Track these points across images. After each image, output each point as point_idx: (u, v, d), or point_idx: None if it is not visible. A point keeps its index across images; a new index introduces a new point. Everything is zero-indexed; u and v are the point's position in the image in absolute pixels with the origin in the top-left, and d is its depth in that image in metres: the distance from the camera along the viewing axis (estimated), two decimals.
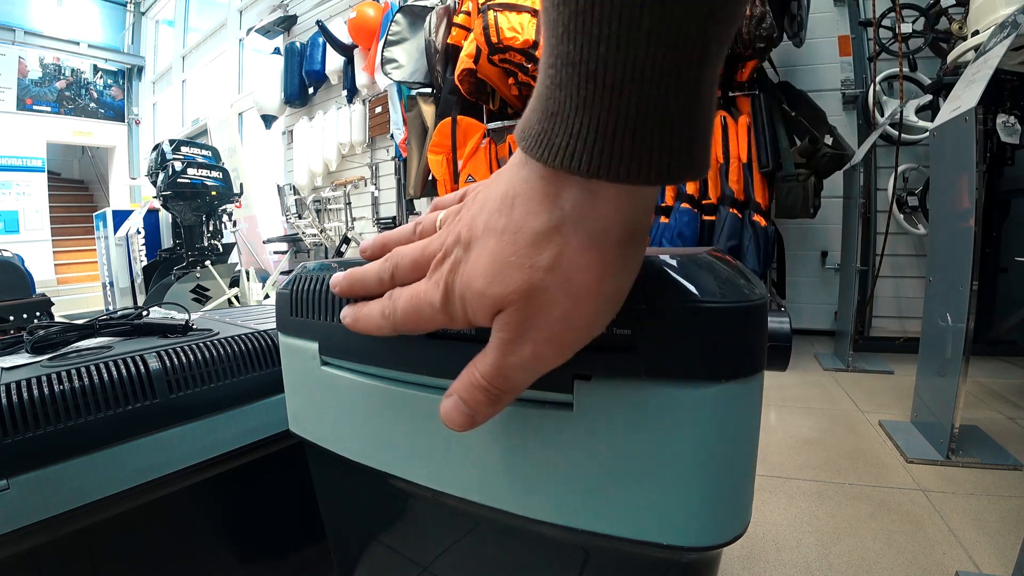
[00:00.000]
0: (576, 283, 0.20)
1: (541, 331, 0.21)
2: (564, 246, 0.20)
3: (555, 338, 0.21)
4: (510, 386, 0.23)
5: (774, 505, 1.11)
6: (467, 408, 0.24)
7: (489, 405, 0.23)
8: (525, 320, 0.21)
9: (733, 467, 0.26)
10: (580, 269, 0.20)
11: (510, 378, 0.23)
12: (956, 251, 1.24)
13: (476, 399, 0.23)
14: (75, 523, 0.47)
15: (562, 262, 0.20)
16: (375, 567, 0.46)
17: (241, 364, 0.59)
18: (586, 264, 0.20)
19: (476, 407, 0.23)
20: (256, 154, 5.30)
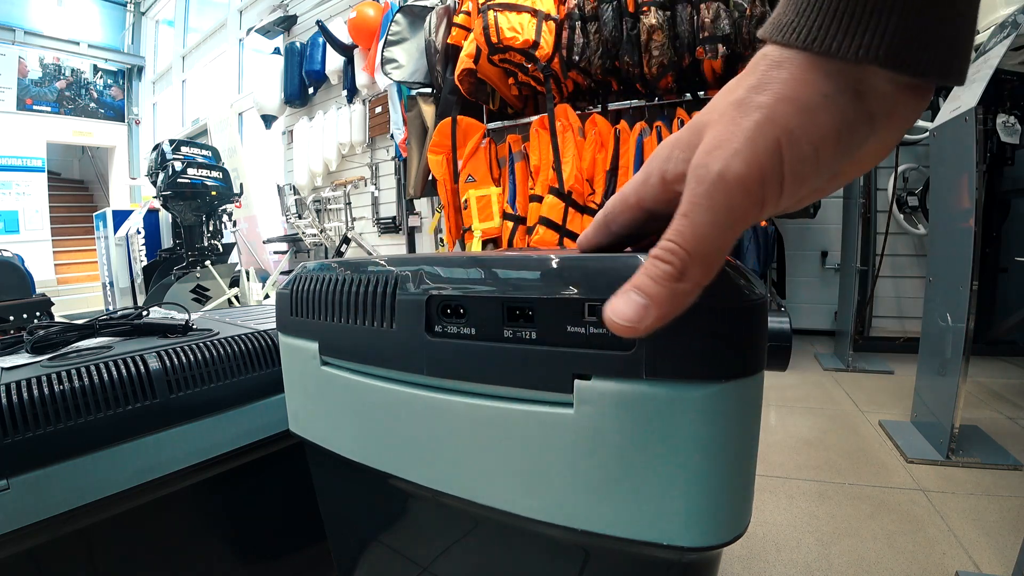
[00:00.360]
0: (769, 97, 0.20)
1: (732, 140, 0.20)
2: (769, 69, 0.20)
3: (743, 149, 0.19)
4: (694, 240, 0.20)
5: (774, 505, 1.11)
6: (639, 295, 0.20)
7: (670, 279, 0.20)
8: (720, 133, 0.20)
9: (733, 467, 0.26)
10: (780, 89, 0.20)
11: (696, 223, 0.20)
12: (956, 251, 1.24)
13: (659, 273, 0.20)
14: (75, 523, 0.47)
15: (765, 80, 0.20)
16: (375, 567, 0.46)
17: (241, 364, 0.59)
18: (786, 88, 0.20)
19: (653, 289, 0.20)
20: (256, 154, 5.30)
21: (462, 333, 0.30)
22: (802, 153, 0.19)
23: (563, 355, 0.27)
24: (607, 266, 0.26)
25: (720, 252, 0.20)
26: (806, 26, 0.19)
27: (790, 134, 0.19)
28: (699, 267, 0.20)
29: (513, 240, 2.28)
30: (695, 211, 0.20)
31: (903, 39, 0.18)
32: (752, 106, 0.20)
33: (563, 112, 2.13)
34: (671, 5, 1.92)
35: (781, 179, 0.20)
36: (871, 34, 0.18)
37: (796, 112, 0.19)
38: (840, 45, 0.19)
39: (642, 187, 0.24)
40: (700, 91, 2.15)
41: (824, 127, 0.20)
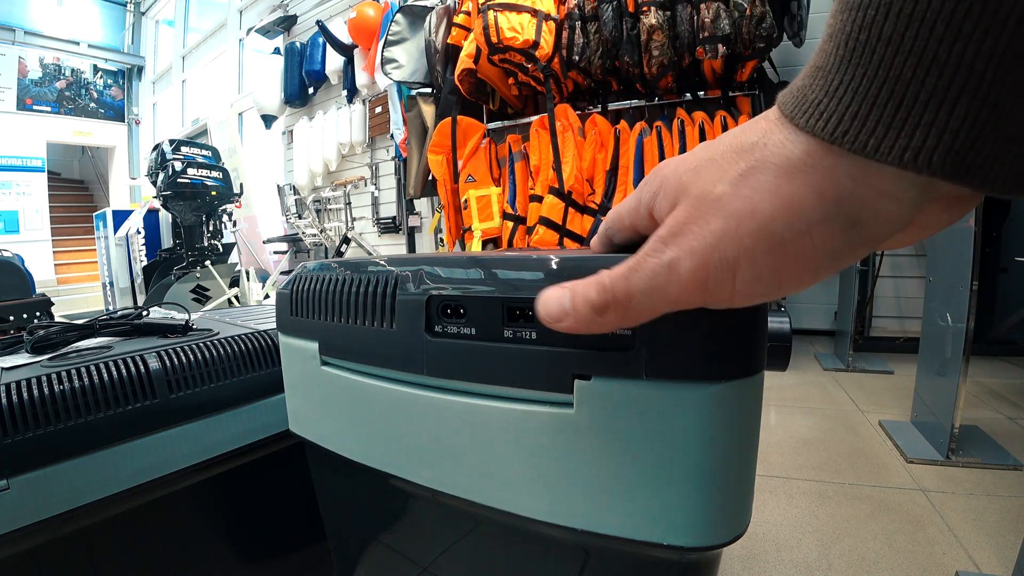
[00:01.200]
0: (745, 206, 0.17)
1: (691, 238, 0.18)
2: (760, 167, 0.17)
3: (698, 253, 0.18)
4: (625, 296, 0.20)
5: (774, 505, 1.11)
6: (569, 301, 0.21)
7: (592, 309, 0.21)
8: (687, 218, 0.19)
9: (733, 467, 0.26)
10: (758, 200, 0.17)
11: (632, 286, 0.20)
12: (956, 251, 1.24)
13: (586, 296, 0.21)
14: (75, 523, 0.47)
15: (749, 179, 0.17)
16: (375, 567, 0.46)
17: (241, 364, 0.59)
18: (765, 200, 0.17)
19: (580, 305, 0.21)
20: (256, 154, 5.30)
21: (462, 333, 0.30)
22: (759, 276, 0.18)
23: (563, 355, 0.27)
24: (607, 265, 0.26)
25: (644, 316, 0.21)
26: (836, 112, 0.15)
27: (751, 257, 0.17)
28: (618, 315, 0.21)
29: (513, 240, 2.28)
30: (638, 276, 0.20)
31: (969, 140, 0.13)
32: (723, 211, 0.18)
33: (563, 112, 2.13)
34: (671, 5, 1.92)
35: (729, 293, 0.18)
36: (925, 131, 0.14)
37: (765, 236, 0.17)
38: (880, 143, 0.14)
39: (634, 213, 0.24)
40: (700, 91, 2.15)
41: (795, 258, 0.17)
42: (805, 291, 2.68)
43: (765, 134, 0.18)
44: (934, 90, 0.13)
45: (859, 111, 0.15)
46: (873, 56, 0.14)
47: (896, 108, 0.14)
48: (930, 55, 0.13)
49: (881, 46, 0.14)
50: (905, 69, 0.14)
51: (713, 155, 0.19)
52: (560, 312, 0.22)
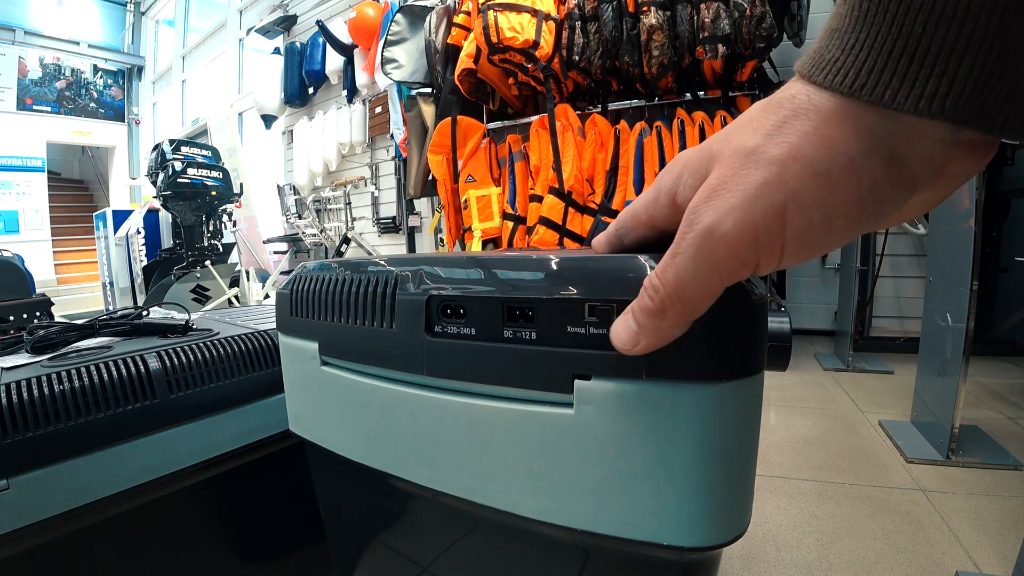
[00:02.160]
0: (784, 151, 0.17)
1: (729, 195, 0.18)
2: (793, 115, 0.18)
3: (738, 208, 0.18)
4: (676, 286, 0.20)
5: (774, 505, 1.11)
6: (633, 320, 0.21)
7: (652, 316, 0.20)
8: (720, 180, 0.18)
9: (733, 467, 0.26)
10: (798, 143, 0.17)
11: (679, 273, 0.19)
12: (956, 251, 1.24)
13: (642, 307, 0.21)
14: (75, 523, 0.47)
15: (784, 128, 0.18)
16: (375, 567, 0.46)
17: (241, 364, 0.59)
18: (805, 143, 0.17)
19: (641, 319, 0.21)
20: (256, 154, 5.30)
21: (462, 333, 0.30)
22: (810, 223, 0.17)
23: (563, 355, 0.27)
24: (607, 266, 0.26)
25: (703, 299, 0.20)
26: (853, 67, 0.16)
27: (800, 201, 0.17)
28: (679, 309, 0.20)
29: (513, 240, 2.28)
30: (681, 257, 0.19)
31: (977, 88, 0.15)
32: (763, 159, 0.18)
33: (563, 112, 2.13)
34: (671, 5, 1.92)
35: (781, 246, 0.18)
36: (937, 80, 0.15)
37: (811, 176, 0.17)
38: (896, 93, 0.15)
39: (652, 205, 0.23)
40: (700, 91, 2.15)
41: (843, 196, 0.17)
42: (805, 291, 2.66)
43: (791, 93, 0.18)
44: (943, 43, 0.14)
45: (875, 65, 0.16)
46: (886, 14, 0.15)
47: (909, 61, 0.15)
48: (939, 11, 0.14)
49: (893, 5, 0.15)
50: (916, 25, 0.15)
51: (743, 120, 0.19)
52: (632, 336, 0.21)
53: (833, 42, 0.17)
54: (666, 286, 0.20)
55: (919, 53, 0.15)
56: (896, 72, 0.15)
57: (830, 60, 0.17)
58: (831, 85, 0.17)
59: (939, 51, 0.15)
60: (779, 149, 0.17)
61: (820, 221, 0.17)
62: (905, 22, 0.15)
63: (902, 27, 0.15)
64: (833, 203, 0.17)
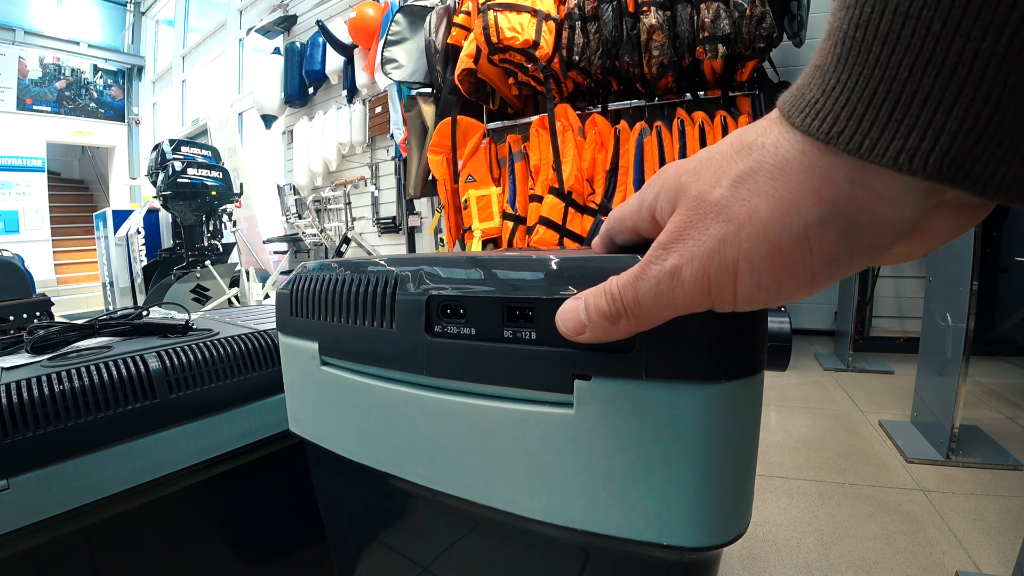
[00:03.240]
0: (743, 209, 0.17)
1: (691, 243, 0.18)
2: (758, 168, 0.17)
3: (698, 258, 0.18)
4: (634, 304, 0.20)
5: (774, 505, 1.11)
6: (584, 314, 0.22)
7: (605, 319, 0.21)
8: (686, 223, 0.19)
9: (733, 467, 0.26)
10: (756, 203, 0.17)
11: (640, 294, 0.20)
12: (956, 251, 1.24)
13: (597, 307, 0.22)
14: (75, 523, 0.47)
15: (747, 182, 0.17)
16: (375, 567, 0.46)
17: (241, 364, 0.59)
18: (762, 203, 0.17)
19: (593, 316, 0.22)
20: (256, 154, 5.30)
21: (462, 333, 0.30)
22: (759, 282, 0.17)
23: (563, 355, 0.27)
24: (606, 267, 0.26)
25: (655, 321, 0.21)
26: (832, 112, 0.15)
27: (750, 262, 0.17)
28: (631, 322, 0.21)
29: (513, 240, 2.28)
30: (643, 283, 0.20)
31: (968, 143, 0.13)
32: (722, 214, 0.17)
33: (563, 112, 2.13)
34: (671, 5, 1.92)
35: (732, 297, 0.18)
36: (921, 132, 0.13)
37: (762, 240, 0.17)
38: (875, 144, 0.14)
39: (636, 215, 0.24)
40: (700, 91, 2.15)
41: (793, 264, 0.17)
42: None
43: (763, 133, 0.17)
44: (931, 90, 0.13)
45: (855, 111, 0.14)
46: (869, 55, 0.14)
47: (892, 108, 0.14)
48: (927, 54, 0.13)
49: (877, 44, 0.14)
50: (901, 68, 0.13)
51: (713, 155, 0.19)
52: (578, 325, 0.22)
53: (815, 80, 0.16)
54: (625, 301, 0.21)
55: (903, 100, 0.13)
56: (877, 120, 0.14)
57: (809, 101, 0.16)
58: (807, 129, 0.16)
59: (925, 99, 0.13)
60: (738, 207, 0.17)
61: (768, 283, 0.17)
62: (889, 64, 0.13)
63: (886, 70, 0.14)
64: (782, 269, 0.17)
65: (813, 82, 0.16)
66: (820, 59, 0.16)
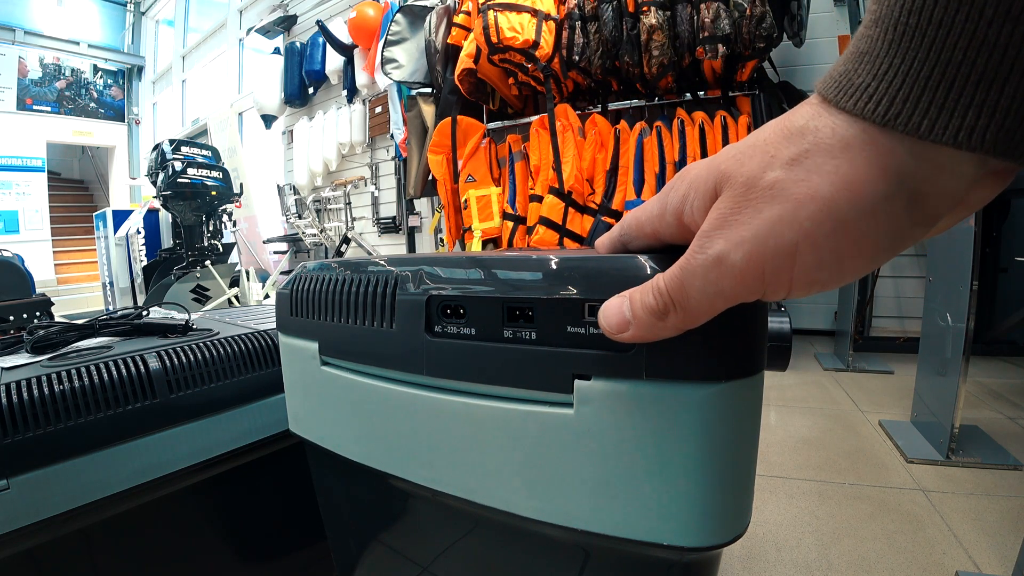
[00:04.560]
0: (802, 190, 0.17)
1: (741, 228, 0.18)
2: (815, 150, 0.17)
3: (749, 242, 0.18)
4: (681, 296, 0.20)
5: (774, 505, 1.11)
6: (629, 311, 0.22)
7: (652, 314, 0.21)
8: (733, 209, 0.18)
9: (733, 467, 0.26)
10: (817, 182, 0.17)
11: (687, 286, 0.20)
12: (956, 251, 1.24)
13: (644, 303, 0.21)
14: (75, 523, 0.47)
15: (804, 163, 0.17)
16: (375, 567, 0.46)
17: (241, 364, 0.59)
18: (824, 182, 0.16)
19: (639, 312, 0.21)
20: (256, 154, 5.30)
21: (462, 333, 0.30)
22: (821, 262, 0.17)
23: (563, 355, 0.27)
24: (607, 267, 0.26)
25: (704, 315, 0.20)
26: (887, 95, 0.15)
27: (812, 241, 0.17)
28: (680, 318, 0.21)
29: (513, 240, 2.28)
30: (689, 274, 0.19)
31: (1020, 118, 0.14)
32: (779, 195, 0.17)
33: (563, 112, 2.13)
34: (671, 5, 1.92)
35: (788, 281, 0.18)
36: (977, 110, 0.14)
37: (827, 218, 0.17)
38: (934, 124, 0.15)
39: (658, 221, 0.23)
40: (700, 91, 2.15)
41: (858, 238, 0.17)
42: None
43: (812, 118, 0.17)
44: (984, 71, 0.14)
45: (911, 93, 0.15)
46: (923, 39, 0.15)
47: (948, 89, 0.14)
48: (980, 37, 0.13)
49: (932, 29, 0.14)
50: (956, 51, 0.14)
51: (757, 142, 0.19)
52: (622, 322, 0.22)
53: (863, 66, 0.16)
54: (672, 295, 0.20)
55: (959, 81, 0.14)
56: (934, 101, 0.15)
57: (860, 85, 0.16)
58: (862, 112, 0.16)
59: (980, 79, 0.14)
60: (797, 188, 0.17)
61: (831, 260, 0.17)
62: (944, 48, 0.14)
63: (940, 53, 0.14)
64: (847, 244, 0.17)
65: (860, 68, 0.16)
66: (866, 45, 0.16)
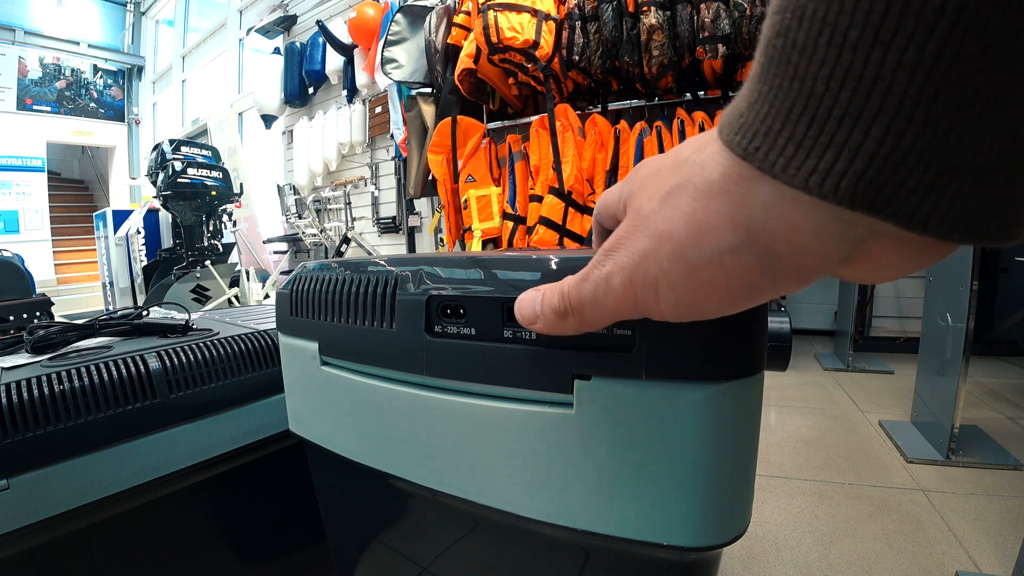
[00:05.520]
0: (664, 227, 0.17)
1: (624, 254, 0.18)
2: (684, 186, 0.16)
3: (627, 269, 0.18)
4: (576, 304, 0.21)
5: (774, 505, 1.11)
6: (539, 305, 0.23)
7: (555, 314, 0.22)
8: (624, 233, 0.19)
9: (733, 467, 0.26)
10: (676, 222, 0.16)
11: (583, 296, 0.21)
12: (956, 251, 1.24)
13: (550, 302, 0.22)
14: (75, 523, 0.47)
15: (672, 199, 0.17)
16: (375, 567, 0.46)
17: (241, 364, 0.59)
18: (681, 223, 0.16)
19: (545, 310, 0.23)
20: (256, 154, 5.30)
21: (462, 333, 0.30)
22: (679, 300, 0.17)
23: (563, 355, 0.27)
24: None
25: (597, 324, 0.21)
26: (751, 126, 0.14)
27: (668, 280, 0.17)
28: (577, 321, 0.22)
29: (513, 240, 2.28)
30: (587, 287, 0.20)
31: (889, 166, 0.11)
32: (649, 229, 0.17)
33: (563, 112, 2.13)
34: (671, 5, 1.92)
35: (658, 312, 0.18)
36: (835, 152, 0.12)
37: (679, 260, 0.16)
38: (788, 163, 0.13)
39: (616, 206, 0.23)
40: (700, 91, 2.15)
41: (709, 286, 0.16)
42: (805, 291, 2.68)
43: (699, 149, 0.17)
44: (848, 106, 0.12)
45: (772, 126, 0.13)
46: (788, 65, 0.13)
47: (808, 125, 0.12)
48: (844, 65, 0.11)
49: (796, 54, 0.12)
50: (818, 81, 0.12)
51: (660, 166, 0.19)
52: (532, 315, 0.23)
53: (744, 92, 0.15)
54: (572, 301, 0.21)
55: (819, 116, 0.12)
56: (792, 136, 0.13)
57: (737, 114, 0.15)
58: (730, 144, 0.15)
59: (843, 116, 0.12)
60: (661, 223, 0.17)
61: (688, 300, 0.17)
62: (807, 76, 0.12)
63: (803, 82, 0.12)
64: (699, 290, 0.17)
65: (743, 94, 0.15)
66: (752, 70, 0.15)
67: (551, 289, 0.23)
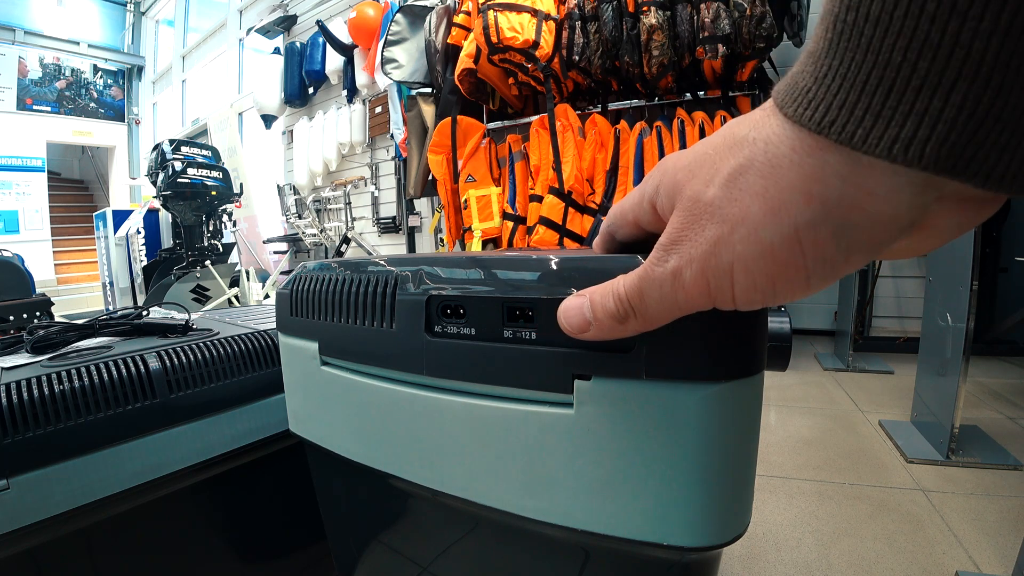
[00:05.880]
0: (735, 210, 0.16)
1: (690, 245, 0.18)
2: (749, 166, 0.16)
3: (697, 260, 0.18)
4: (638, 305, 0.20)
5: (774, 505, 1.11)
6: (589, 312, 0.22)
7: (612, 319, 0.21)
8: (684, 225, 0.18)
9: (733, 467, 0.26)
10: (747, 203, 0.16)
11: (645, 295, 0.20)
12: (956, 251, 1.24)
13: (604, 307, 0.21)
14: (75, 523, 0.47)
15: (738, 181, 0.16)
16: (375, 567, 0.46)
17: (241, 364, 0.59)
18: (754, 204, 0.16)
19: (600, 315, 0.22)
20: (256, 154, 5.30)
21: (462, 333, 0.30)
22: (754, 283, 0.17)
23: (563, 355, 0.27)
24: (607, 266, 0.26)
25: (662, 321, 0.21)
26: (824, 100, 0.14)
27: (744, 264, 0.17)
28: (639, 323, 0.21)
29: (513, 240, 2.28)
30: (648, 284, 0.20)
31: (968, 131, 0.12)
32: (716, 215, 0.17)
33: (563, 112, 2.13)
34: (671, 5, 1.92)
35: (731, 299, 0.18)
36: (917, 120, 0.12)
37: (755, 242, 0.16)
38: (868, 134, 0.13)
39: (638, 208, 0.23)
40: (700, 91, 2.15)
41: (786, 265, 0.16)
42: None
43: (756, 126, 0.17)
44: (927, 75, 0.12)
45: (847, 99, 0.13)
46: (861, 38, 0.13)
47: (886, 95, 0.13)
48: (921, 36, 0.12)
49: (869, 27, 0.13)
50: (895, 52, 0.12)
51: (707, 150, 0.18)
52: (582, 323, 0.22)
53: (807, 67, 0.15)
54: (632, 303, 0.21)
55: (897, 86, 0.12)
56: (870, 108, 0.13)
57: (803, 89, 0.15)
58: (800, 119, 0.15)
59: (921, 85, 0.12)
60: (731, 207, 0.17)
61: (764, 283, 0.17)
62: (882, 48, 0.12)
63: (879, 54, 0.13)
64: (775, 269, 0.16)
65: (806, 69, 0.15)
66: (813, 45, 0.15)
67: (600, 294, 0.22)
